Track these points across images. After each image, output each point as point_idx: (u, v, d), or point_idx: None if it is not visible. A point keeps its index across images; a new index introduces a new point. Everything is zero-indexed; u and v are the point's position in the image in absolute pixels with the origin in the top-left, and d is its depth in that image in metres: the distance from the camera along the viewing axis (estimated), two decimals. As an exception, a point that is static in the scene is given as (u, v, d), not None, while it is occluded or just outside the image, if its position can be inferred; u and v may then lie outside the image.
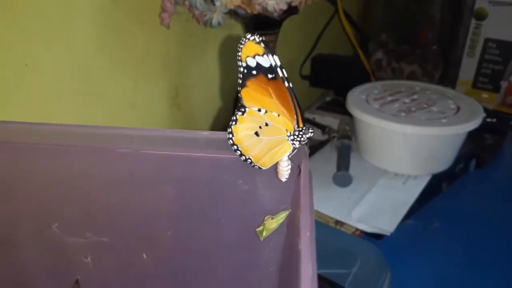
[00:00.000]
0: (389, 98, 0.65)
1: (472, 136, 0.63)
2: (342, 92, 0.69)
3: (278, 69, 0.23)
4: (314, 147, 0.70)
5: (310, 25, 0.86)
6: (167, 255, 0.31)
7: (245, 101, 0.24)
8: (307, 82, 0.89)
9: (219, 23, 0.49)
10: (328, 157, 0.66)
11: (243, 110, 0.24)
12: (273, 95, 0.23)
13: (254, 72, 0.23)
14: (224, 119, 0.72)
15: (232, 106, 0.73)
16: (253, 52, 0.22)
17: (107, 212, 0.30)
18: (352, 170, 0.61)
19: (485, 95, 0.88)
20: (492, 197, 0.63)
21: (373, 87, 0.70)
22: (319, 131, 0.75)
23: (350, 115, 0.65)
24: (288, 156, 0.25)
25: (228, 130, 0.25)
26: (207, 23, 0.50)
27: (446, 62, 0.93)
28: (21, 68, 0.44)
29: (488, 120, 0.79)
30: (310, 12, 0.67)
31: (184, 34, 0.61)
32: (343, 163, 0.62)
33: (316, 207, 0.55)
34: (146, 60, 0.57)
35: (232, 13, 0.51)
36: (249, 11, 0.49)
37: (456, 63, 0.90)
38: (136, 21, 0.53)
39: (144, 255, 0.31)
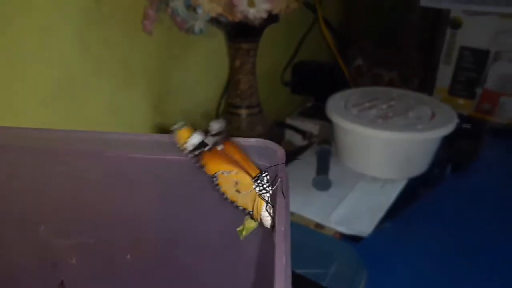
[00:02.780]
0: (367, 104, 0.67)
1: (448, 141, 0.65)
2: (322, 98, 0.71)
3: (206, 140, 0.25)
4: (295, 152, 0.72)
5: (291, 32, 0.88)
6: (151, 255, 0.32)
7: (212, 171, 0.26)
8: (289, 89, 0.91)
9: (201, 30, 0.51)
10: (308, 163, 0.67)
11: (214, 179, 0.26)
12: (222, 159, 0.25)
13: (198, 151, 0.25)
14: (205, 125, 0.73)
15: (215, 112, 0.74)
16: (184, 138, 0.26)
17: (92, 214, 0.31)
18: (332, 175, 0.63)
19: (461, 101, 0.91)
20: (469, 201, 0.65)
21: (352, 94, 0.72)
22: (299, 137, 0.77)
23: (330, 121, 0.66)
24: (265, 208, 0.24)
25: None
26: (189, 30, 0.51)
27: (425, 69, 0.96)
28: (8, 74, 0.44)
29: (464, 126, 0.82)
30: (291, 19, 0.69)
31: (166, 41, 0.62)
32: (322, 168, 0.64)
33: (296, 210, 0.56)
34: (127, 66, 0.57)
35: (214, 20, 0.52)
36: (230, 18, 0.51)
37: (433, 70, 0.93)
38: (118, 28, 0.54)
39: (128, 255, 0.32)
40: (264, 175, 0.24)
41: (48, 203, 0.31)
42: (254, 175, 0.25)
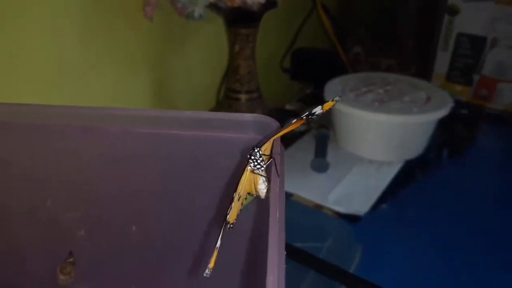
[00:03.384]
0: (364, 89, 0.69)
1: (445, 127, 0.66)
2: (321, 84, 0.73)
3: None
4: (294, 136, 0.73)
5: (290, 19, 0.89)
6: (155, 227, 0.34)
7: None
8: (288, 75, 0.92)
9: (200, 16, 0.52)
10: (307, 145, 0.69)
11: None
12: None
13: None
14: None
15: (215, 98, 0.75)
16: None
17: (98, 187, 0.33)
18: (329, 158, 0.64)
19: (458, 88, 0.92)
20: (464, 185, 0.67)
21: (349, 79, 0.73)
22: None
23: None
24: (261, 181, 0.25)
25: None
26: (189, 16, 0.52)
27: (422, 56, 0.97)
28: (8, 61, 0.46)
29: (461, 112, 0.84)
30: (289, 6, 0.70)
31: (166, 27, 0.63)
32: (320, 151, 0.65)
33: (295, 191, 0.58)
34: (129, 53, 0.59)
35: (213, 6, 0.54)
36: (229, 4, 0.52)
37: (431, 57, 0.94)
38: (119, 15, 0.55)
39: (133, 227, 0.33)
40: (256, 150, 0.24)
41: (54, 177, 0.33)
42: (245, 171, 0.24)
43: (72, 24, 0.50)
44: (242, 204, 0.25)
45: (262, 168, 0.24)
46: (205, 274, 0.23)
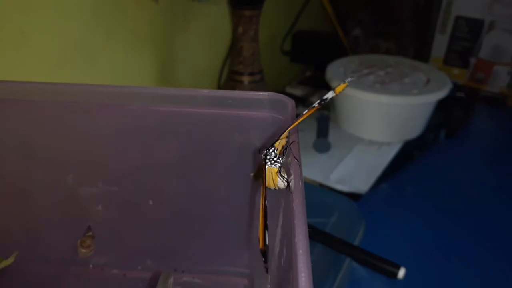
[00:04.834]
0: (365, 71, 0.70)
1: (442, 108, 0.68)
2: (321, 67, 0.74)
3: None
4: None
5: (291, 1, 0.90)
6: (171, 201, 0.35)
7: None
8: (288, 58, 0.93)
9: (208, -2, 0.52)
10: (309, 127, 0.70)
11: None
12: None
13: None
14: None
15: (217, 79, 0.76)
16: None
17: (116, 163, 0.34)
18: (331, 139, 0.66)
19: (455, 71, 0.93)
20: (460, 164, 0.69)
21: (351, 61, 0.74)
22: (299, 104, 0.79)
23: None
24: (279, 176, 0.25)
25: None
26: (196, -2, 0.53)
27: (420, 39, 0.98)
28: (18, 39, 0.46)
29: (458, 94, 0.85)
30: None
31: (172, 9, 0.63)
32: (322, 132, 0.67)
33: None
34: (136, 33, 0.59)
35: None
36: (236, -14, 0.53)
37: (429, 40, 0.95)
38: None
39: (150, 201, 0.35)
40: (271, 150, 0.25)
41: (73, 155, 0.34)
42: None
43: (82, 4, 0.51)
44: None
45: (279, 165, 0.25)
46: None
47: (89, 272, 0.38)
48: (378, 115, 0.65)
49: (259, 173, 0.32)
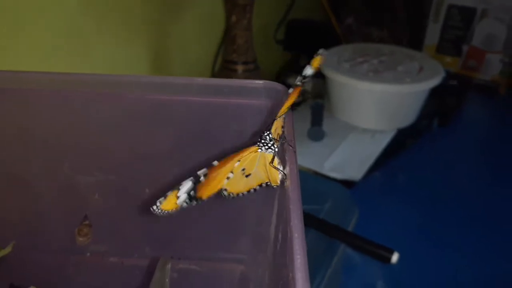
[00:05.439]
0: (359, 60, 0.70)
1: (435, 96, 0.69)
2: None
3: (195, 180, 0.24)
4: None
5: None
6: (168, 189, 0.36)
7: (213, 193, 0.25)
8: (282, 46, 0.93)
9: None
10: (303, 115, 0.71)
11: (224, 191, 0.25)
12: (218, 172, 0.25)
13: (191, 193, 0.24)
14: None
15: (211, 68, 0.76)
16: (173, 202, 0.24)
17: (113, 152, 0.34)
18: (325, 127, 0.66)
19: (448, 59, 0.94)
20: (453, 151, 0.70)
21: (345, 50, 0.75)
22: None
23: (323, 77, 0.69)
24: (276, 163, 0.25)
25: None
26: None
27: (414, 27, 0.98)
28: (12, 29, 0.46)
29: (451, 82, 0.86)
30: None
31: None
32: (316, 120, 0.67)
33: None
34: (127, 22, 0.59)
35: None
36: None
37: (422, 28, 0.95)
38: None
39: (146, 189, 0.35)
40: (266, 134, 0.24)
41: (70, 143, 0.34)
42: (253, 150, 0.24)
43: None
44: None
45: (273, 152, 0.24)
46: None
47: (87, 260, 0.39)
48: (372, 104, 0.66)
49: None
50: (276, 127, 0.25)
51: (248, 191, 0.26)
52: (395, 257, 0.40)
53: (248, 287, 0.37)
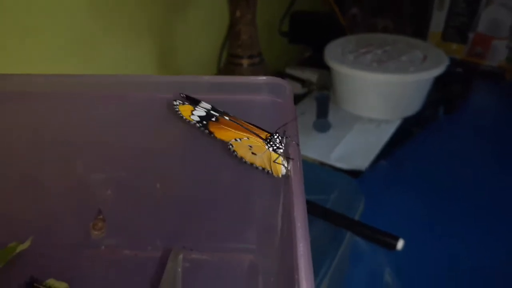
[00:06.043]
0: (363, 50, 0.71)
1: (441, 84, 0.69)
2: (319, 47, 0.74)
3: (212, 112, 0.27)
4: (295, 98, 0.76)
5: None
6: (177, 184, 0.37)
7: (225, 139, 0.28)
8: (287, 39, 0.93)
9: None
10: (309, 107, 0.72)
11: (230, 146, 0.28)
12: (230, 128, 0.27)
13: (204, 122, 0.28)
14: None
15: (216, 64, 0.77)
16: (188, 111, 0.27)
17: (124, 150, 0.36)
18: (330, 118, 0.67)
19: (454, 46, 0.94)
20: (459, 140, 0.70)
21: (348, 41, 0.75)
22: (299, 85, 0.80)
23: (328, 69, 0.70)
24: (281, 162, 0.26)
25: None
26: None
27: (418, 16, 0.98)
28: (21, 32, 0.47)
29: (456, 70, 0.86)
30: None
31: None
32: (322, 112, 0.68)
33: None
34: (135, 23, 0.60)
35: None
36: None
37: (427, 16, 0.95)
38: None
39: (158, 184, 0.37)
40: (276, 136, 0.26)
41: (82, 143, 0.36)
42: (263, 137, 0.26)
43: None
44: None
45: (281, 150, 0.26)
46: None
47: (101, 254, 0.40)
48: (376, 94, 0.66)
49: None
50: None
51: (251, 164, 0.28)
52: (400, 244, 0.41)
53: (257, 276, 0.38)
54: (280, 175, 0.26)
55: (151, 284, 0.37)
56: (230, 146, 0.28)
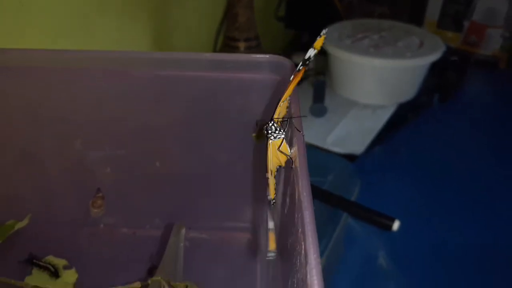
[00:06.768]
0: (360, 36, 0.71)
1: (436, 72, 0.69)
2: (316, 32, 0.74)
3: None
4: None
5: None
6: (176, 162, 0.37)
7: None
8: (283, 24, 0.93)
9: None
10: (305, 92, 0.72)
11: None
12: None
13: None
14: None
15: (212, 46, 0.77)
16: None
17: (122, 128, 0.36)
18: (326, 103, 0.67)
19: (449, 34, 0.94)
20: (453, 126, 0.71)
21: (345, 26, 0.75)
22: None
23: (325, 53, 0.70)
24: (285, 147, 0.26)
25: None
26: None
27: (414, 3, 0.98)
28: (16, 8, 0.47)
29: (451, 58, 0.86)
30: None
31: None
32: (318, 97, 0.68)
33: (295, 135, 0.61)
34: (130, 4, 0.59)
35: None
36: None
37: (423, 4, 0.95)
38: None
39: (157, 163, 0.37)
40: (271, 124, 0.25)
41: (81, 120, 0.35)
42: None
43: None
44: (274, 177, 0.25)
45: (282, 136, 0.25)
46: (268, 258, 0.24)
47: (100, 232, 0.40)
48: (372, 79, 0.66)
49: (260, 133, 0.34)
50: (280, 111, 0.26)
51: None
52: (396, 225, 0.42)
53: (255, 254, 0.38)
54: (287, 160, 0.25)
55: (149, 262, 0.37)
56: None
